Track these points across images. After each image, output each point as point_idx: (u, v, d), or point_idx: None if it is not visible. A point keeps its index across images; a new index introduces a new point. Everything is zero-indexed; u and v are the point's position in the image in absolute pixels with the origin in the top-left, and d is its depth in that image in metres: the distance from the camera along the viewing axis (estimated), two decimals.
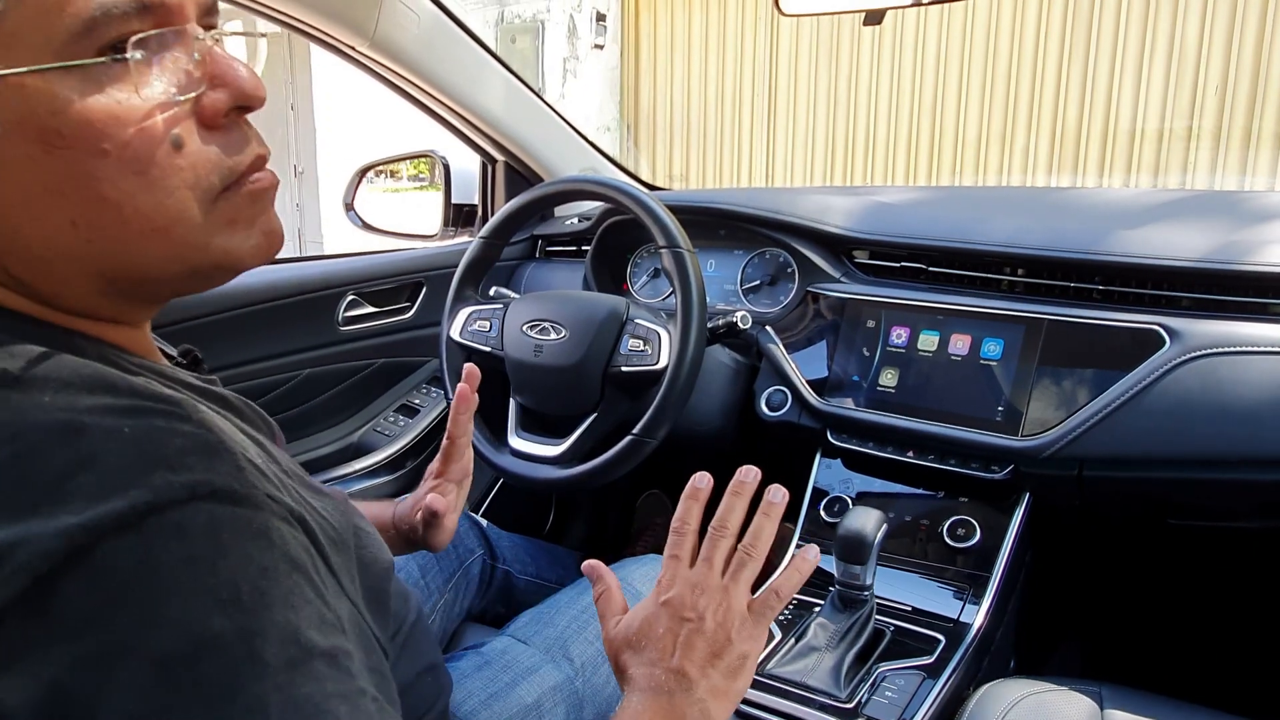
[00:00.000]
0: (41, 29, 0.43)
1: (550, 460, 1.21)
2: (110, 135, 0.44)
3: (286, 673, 0.38)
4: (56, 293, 0.48)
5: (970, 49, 6.49)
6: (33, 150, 0.44)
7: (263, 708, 0.37)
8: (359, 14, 1.28)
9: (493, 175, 1.72)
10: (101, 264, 0.47)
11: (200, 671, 0.37)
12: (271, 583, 0.40)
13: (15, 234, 0.46)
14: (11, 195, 0.45)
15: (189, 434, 0.42)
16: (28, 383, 0.42)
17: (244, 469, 0.42)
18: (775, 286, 1.44)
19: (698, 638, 0.67)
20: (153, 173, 0.46)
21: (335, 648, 0.42)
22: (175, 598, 0.37)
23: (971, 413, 1.14)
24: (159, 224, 0.47)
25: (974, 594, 1.08)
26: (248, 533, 0.40)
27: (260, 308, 1.34)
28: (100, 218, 0.46)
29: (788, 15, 1.12)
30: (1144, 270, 1.12)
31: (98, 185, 0.45)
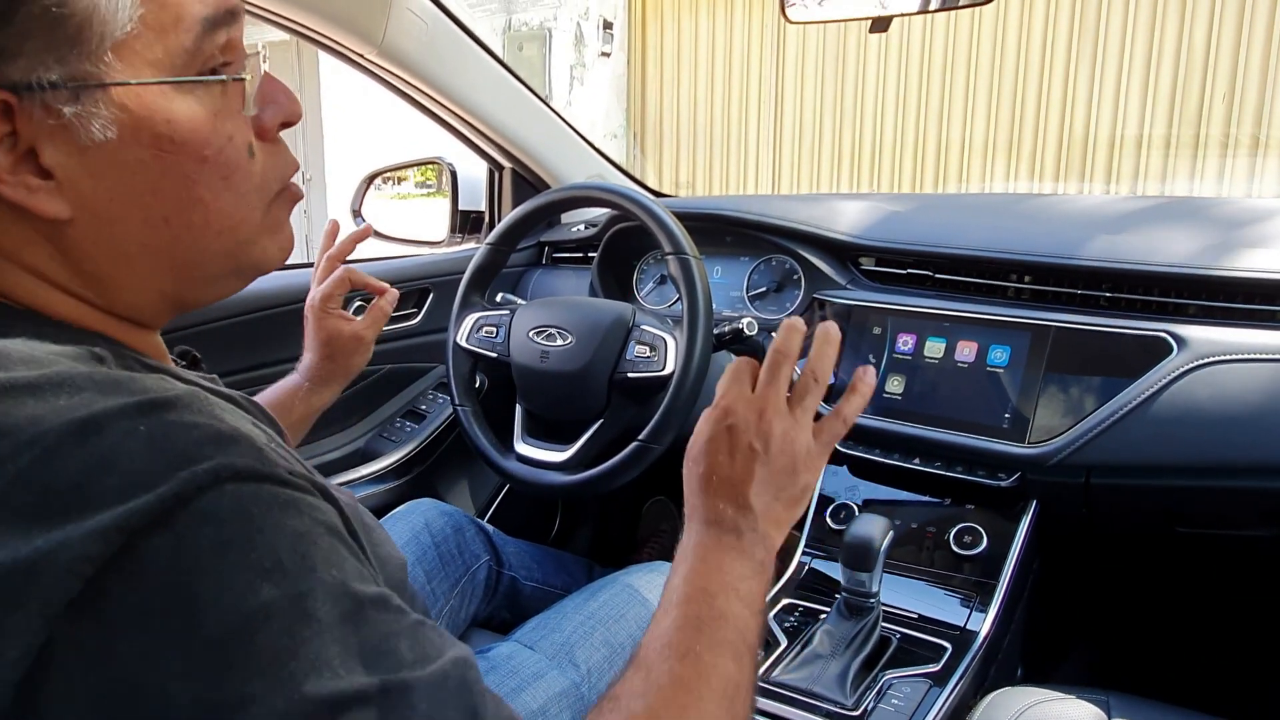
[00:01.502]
0: (161, 45, 0.48)
1: (556, 466, 1.21)
2: (211, 143, 0.51)
3: (341, 625, 0.40)
4: (122, 287, 0.52)
5: (977, 55, 6.49)
6: (145, 154, 0.49)
7: (326, 662, 0.39)
8: (367, 21, 1.29)
9: (500, 182, 1.73)
10: (177, 259, 0.53)
11: (259, 641, 0.38)
12: (310, 545, 0.42)
13: (111, 230, 0.50)
14: (117, 194, 0.49)
15: (203, 425, 0.43)
16: (42, 388, 0.43)
17: (262, 449, 0.44)
18: (781, 293, 1.45)
19: (761, 467, 0.67)
20: (235, 177, 0.53)
21: (381, 593, 0.43)
22: (219, 579, 0.39)
23: (978, 420, 1.14)
24: (233, 223, 0.53)
25: (980, 602, 1.08)
26: (276, 505, 0.42)
27: (268, 313, 1.35)
28: (191, 216, 0.51)
29: (794, 23, 1.12)
30: (1151, 277, 1.12)
31: (195, 187, 0.51)
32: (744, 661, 0.58)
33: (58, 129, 0.47)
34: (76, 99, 0.46)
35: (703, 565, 0.63)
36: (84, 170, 0.48)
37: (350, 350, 1.07)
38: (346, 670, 0.39)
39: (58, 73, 0.46)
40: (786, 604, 1.12)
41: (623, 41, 7.88)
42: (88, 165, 0.48)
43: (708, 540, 0.65)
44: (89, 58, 0.46)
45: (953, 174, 6.72)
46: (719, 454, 0.68)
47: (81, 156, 0.48)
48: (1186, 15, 5.79)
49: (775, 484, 0.67)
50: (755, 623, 0.61)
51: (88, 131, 0.47)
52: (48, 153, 0.47)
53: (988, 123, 6.53)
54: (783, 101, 7.32)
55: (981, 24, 6.36)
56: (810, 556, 1.20)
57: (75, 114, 0.47)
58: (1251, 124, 5.71)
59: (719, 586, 0.61)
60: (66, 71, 0.46)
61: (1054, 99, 6.28)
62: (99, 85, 0.47)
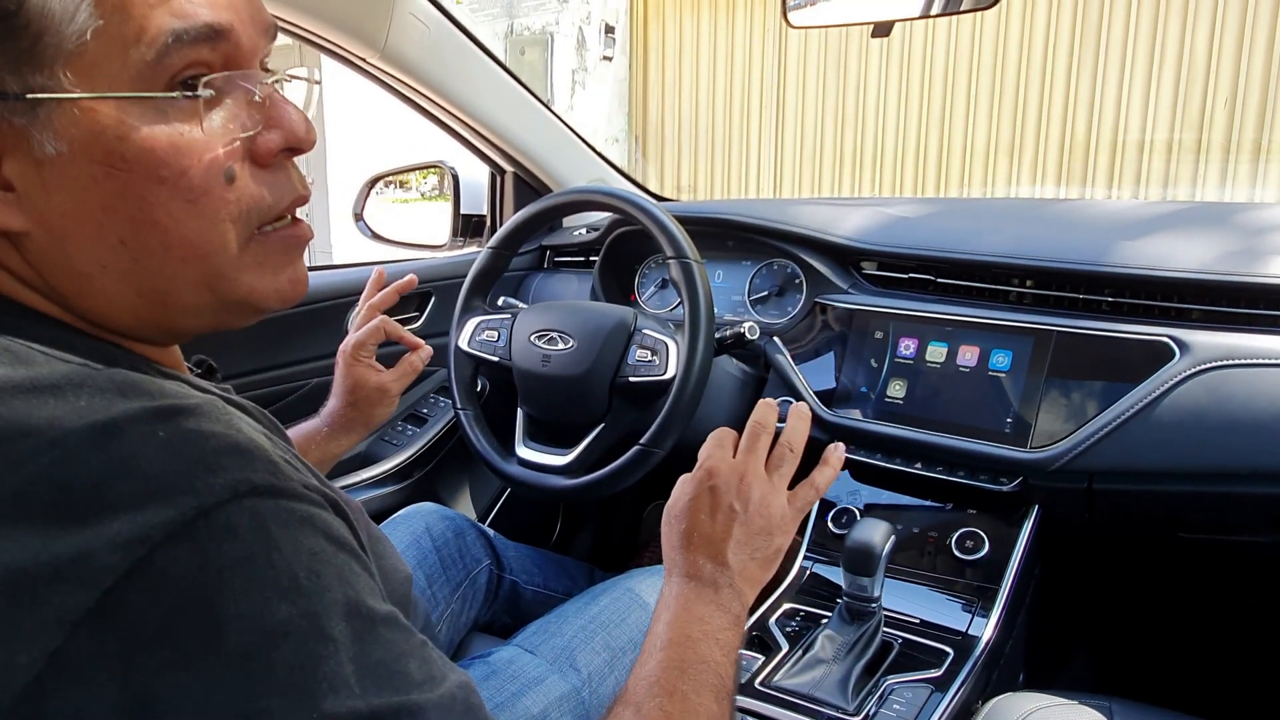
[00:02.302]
0: (119, 58, 0.46)
1: (558, 470, 1.21)
2: (169, 164, 0.47)
3: (357, 644, 0.41)
4: (95, 309, 0.51)
5: (979, 59, 6.49)
6: (95, 170, 0.47)
7: (344, 681, 0.40)
8: (370, 26, 1.29)
9: (502, 186, 1.73)
10: (142, 284, 0.50)
11: (277, 658, 0.39)
12: (324, 564, 0.42)
13: (64, 247, 0.48)
14: (67, 209, 0.47)
15: (220, 435, 0.44)
16: (64, 389, 0.43)
17: (276, 463, 0.44)
18: (783, 297, 1.45)
19: (740, 527, 0.72)
20: (203, 202, 0.49)
21: (391, 611, 0.45)
22: (239, 595, 0.39)
23: (980, 424, 1.13)
24: (200, 251, 0.50)
25: (983, 607, 1.08)
26: (293, 522, 0.43)
27: (270, 317, 1.35)
28: (148, 239, 0.48)
29: (796, 28, 1.12)
30: (1154, 282, 1.11)
31: (151, 209, 0.48)
32: (724, 703, 0.63)
33: (16, 141, 0.46)
34: (32, 111, 0.45)
35: (685, 614, 0.67)
36: (39, 184, 0.47)
37: (374, 401, 1.07)
38: (362, 690, 0.40)
39: (12, 84, 0.45)
40: (788, 609, 1.12)
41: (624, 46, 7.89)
42: (43, 179, 0.47)
43: (688, 593, 0.69)
44: (43, 70, 0.45)
45: (954, 178, 6.72)
46: (700, 513, 0.73)
47: (37, 170, 0.47)
48: (1189, 19, 5.79)
49: (751, 544, 0.72)
50: (732, 670, 0.66)
51: (41, 145, 0.46)
52: (7, 164, 0.47)
53: (989, 127, 6.54)
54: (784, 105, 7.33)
55: (983, 27, 6.37)
56: (812, 561, 1.20)
57: (29, 126, 0.46)
58: (1254, 129, 5.71)
59: (700, 634, 0.66)
60: (21, 83, 0.45)
61: (1056, 103, 6.28)
62: (50, 98, 0.45)
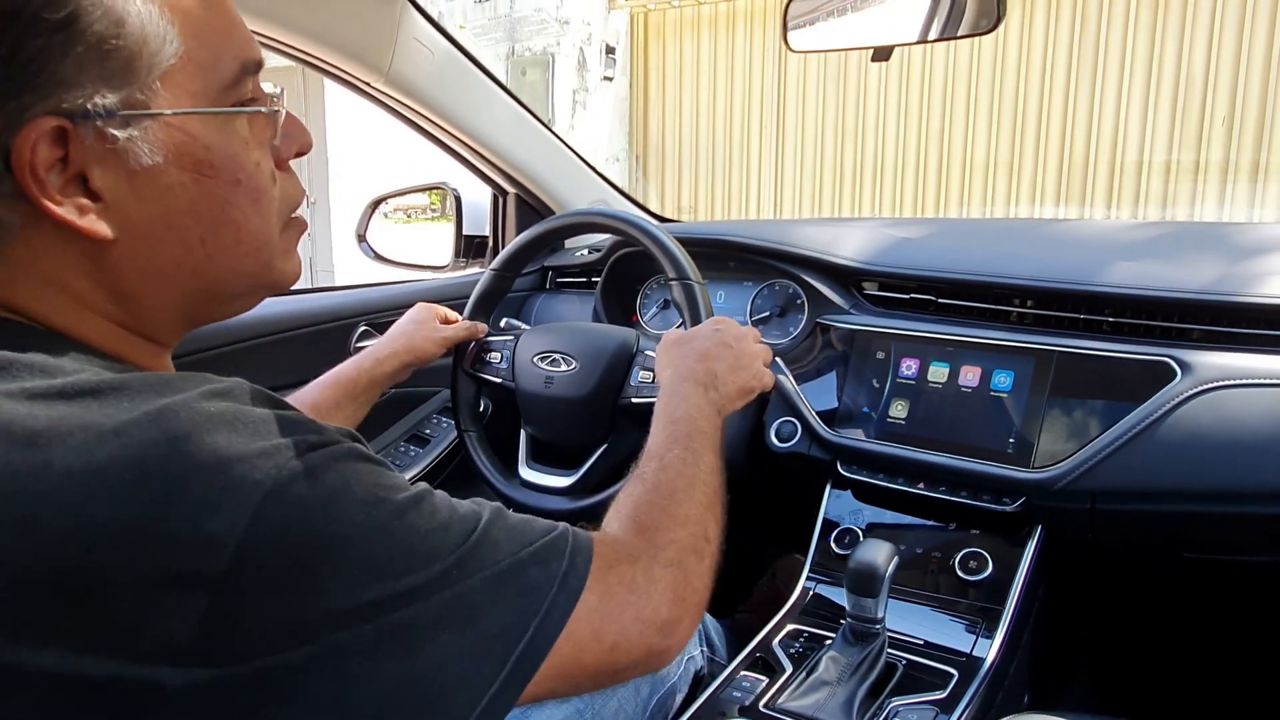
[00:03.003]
0: (200, 79, 0.53)
1: (561, 491, 1.21)
2: (244, 169, 0.56)
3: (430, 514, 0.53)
4: (150, 306, 0.56)
5: (977, 79, 6.53)
6: (185, 178, 0.53)
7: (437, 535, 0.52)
8: (375, 51, 1.31)
9: (504, 207, 1.74)
10: (207, 278, 0.57)
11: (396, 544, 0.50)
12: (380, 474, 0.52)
13: (151, 250, 0.53)
14: (160, 215, 0.53)
15: (259, 411, 0.49)
16: (103, 391, 0.46)
17: (310, 421, 0.52)
18: (785, 318, 1.45)
19: (730, 356, 0.97)
20: (263, 201, 0.58)
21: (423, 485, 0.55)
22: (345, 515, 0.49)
23: (982, 444, 1.13)
24: (258, 243, 0.58)
25: (987, 628, 1.08)
26: (347, 457, 0.51)
27: (273, 338, 1.35)
28: (224, 236, 0.56)
29: (796, 52, 1.13)
30: (1154, 302, 1.12)
31: (230, 209, 0.55)
32: (719, 456, 0.83)
33: (108, 153, 0.50)
34: (127, 125, 0.50)
35: (684, 400, 0.88)
36: (131, 193, 0.51)
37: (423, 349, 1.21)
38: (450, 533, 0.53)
39: (111, 100, 0.49)
40: (791, 630, 1.12)
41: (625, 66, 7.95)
42: (134, 188, 0.51)
43: (685, 388, 0.91)
44: (139, 86, 0.50)
45: (953, 198, 6.75)
46: (706, 339, 0.99)
47: (129, 180, 0.51)
48: (1185, 40, 5.83)
49: (735, 368, 0.97)
50: (720, 440, 0.87)
51: (136, 156, 0.51)
52: (97, 176, 0.50)
53: (988, 146, 6.57)
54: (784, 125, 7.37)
55: (981, 49, 6.41)
56: (815, 582, 1.20)
57: (126, 139, 0.50)
58: (1252, 149, 5.74)
59: (697, 414, 0.87)
60: (119, 99, 0.49)
61: (1054, 123, 6.32)
62: (148, 113, 0.51)
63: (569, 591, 0.57)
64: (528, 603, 0.55)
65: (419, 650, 0.49)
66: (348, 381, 1.12)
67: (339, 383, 1.12)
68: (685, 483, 0.76)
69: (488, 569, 0.53)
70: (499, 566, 0.54)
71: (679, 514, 0.72)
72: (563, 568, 0.57)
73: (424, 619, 0.49)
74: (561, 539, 0.59)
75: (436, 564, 0.51)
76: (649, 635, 0.62)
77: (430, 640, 0.49)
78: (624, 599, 0.61)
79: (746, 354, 0.99)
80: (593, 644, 0.58)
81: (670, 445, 0.81)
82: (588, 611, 0.58)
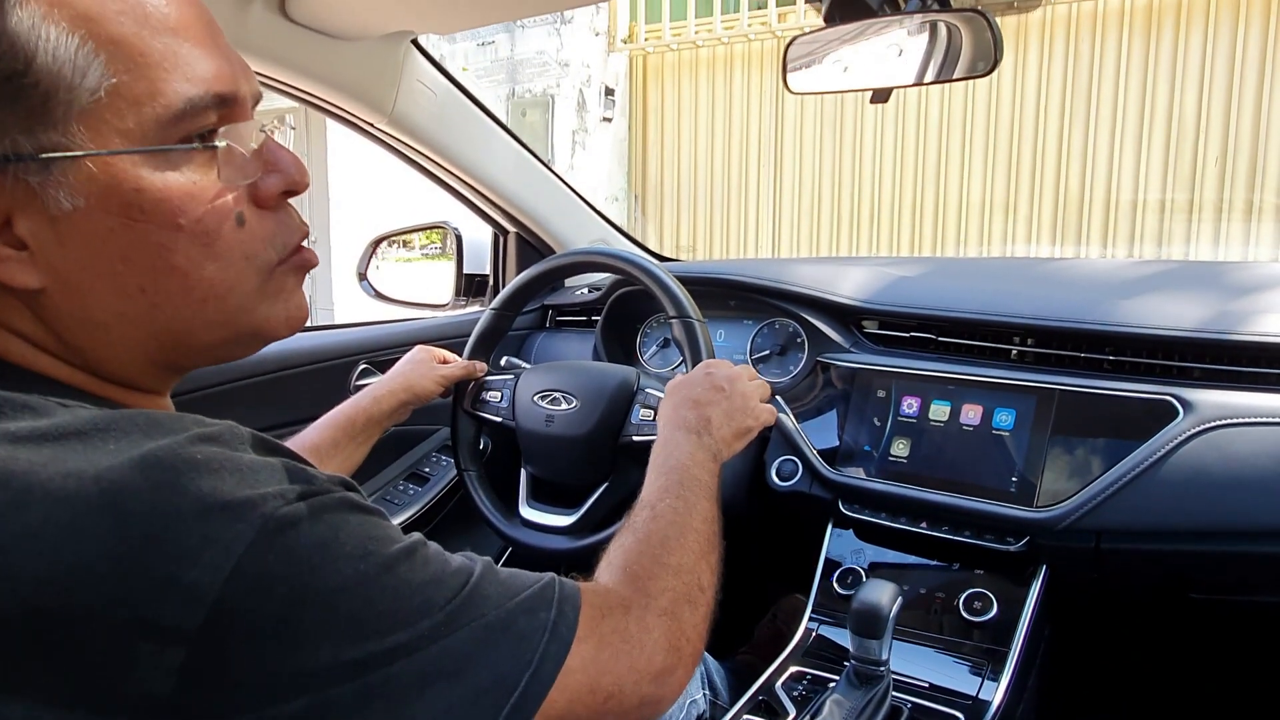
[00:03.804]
0: (132, 115, 0.48)
1: (561, 530, 1.20)
2: (185, 211, 0.50)
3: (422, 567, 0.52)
4: (106, 358, 0.53)
5: (973, 120, 6.61)
6: (113, 222, 0.49)
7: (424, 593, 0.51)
8: (378, 93, 1.32)
9: (505, 246, 1.75)
10: (159, 327, 0.52)
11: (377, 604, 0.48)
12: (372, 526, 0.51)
13: (84, 300, 0.50)
14: (85, 262, 0.49)
15: (249, 458, 0.47)
16: (89, 434, 0.45)
17: (301, 467, 0.50)
18: (785, 356, 1.45)
19: (724, 400, 0.97)
20: (218, 245, 0.52)
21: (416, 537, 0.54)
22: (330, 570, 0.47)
23: (985, 483, 1.13)
24: (218, 290, 0.53)
25: (992, 669, 1.06)
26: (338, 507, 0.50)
27: (273, 376, 1.35)
28: (168, 284, 0.51)
29: (795, 94, 1.14)
30: (1155, 340, 1.12)
31: (169, 255, 0.50)
32: (713, 503, 0.82)
33: (28, 199, 0.47)
34: (45, 169, 0.46)
35: (676, 449, 0.88)
36: (55, 240, 0.48)
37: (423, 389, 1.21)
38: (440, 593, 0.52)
39: (25, 144, 0.46)
40: (794, 672, 1.10)
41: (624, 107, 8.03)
42: (58, 235, 0.48)
43: (679, 437, 0.90)
44: (55, 128, 0.46)
45: (951, 237, 6.79)
46: (698, 385, 0.99)
47: (52, 226, 0.48)
48: (1176, 80, 5.91)
49: (729, 414, 0.96)
50: (715, 488, 0.85)
51: (56, 201, 0.47)
52: (20, 223, 0.48)
53: (984, 187, 6.63)
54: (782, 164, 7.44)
55: (976, 91, 6.49)
56: (817, 622, 1.19)
57: (43, 184, 0.47)
58: (1245, 188, 5.79)
59: (690, 461, 0.86)
60: (34, 142, 0.46)
61: (1049, 163, 6.38)
62: (67, 155, 0.47)
63: (560, 641, 0.56)
64: (518, 654, 0.53)
65: (408, 706, 0.48)
66: (346, 422, 1.11)
67: (337, 423, 1.11)
68: (677, 531, 0.75)
69: (477, 621, 0.52)
70: (487, 619, 0.53)
71: (672, 563, 0.71)
72: (551, 617, 0.56)
73: (412, 675, 0.48)
74: (549, 589, 0.58)
75: (425, 619, 0.50)
76: (644, 685, 0.61)
77: (419, 696, 0.48)
78: (618, 648, 0.60)
79: (740, 394, 0.98)
80: (587, 695, 0.57)
81: (662, 494, 0.80)
82: (581, 662, 0.56)
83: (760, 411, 1.00)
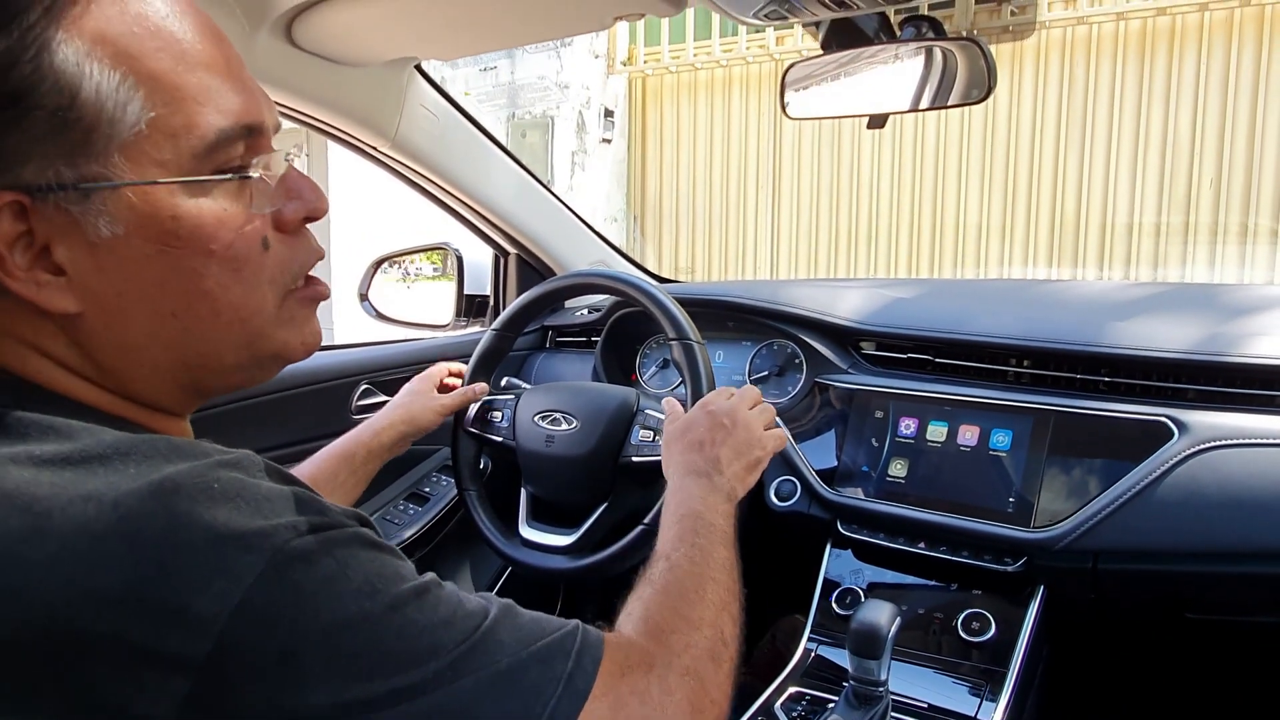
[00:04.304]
0: (169, 147, 0.50)
1: (561, 550, 1.21)
2: (218, 238, 0.52)
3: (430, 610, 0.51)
4: (136, 379, 0.54)
5: (968, 144, 6.65)
6: (150, 249, 0.51)
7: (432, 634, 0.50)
8: (382, 117, 1.34)
9: (505, 267, 1.76)
10: (188, 350, 0.54)
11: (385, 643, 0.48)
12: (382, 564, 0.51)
13: (119, 323, 0.52)
14: (123, 287, 0.51)
15: (267, 484, 0.49)
16: (111, 458, 0.46)
17: (319, 499, 0.51)
18: (783, 377, 1.46)
19: (729, 437, 0.95)
20: (246, 270, 0.54)
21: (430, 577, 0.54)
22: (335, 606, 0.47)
23: (982, 504, 1.14)
24: (244, 314, 0.55)
25: (991, 690, 1.06)
26: (349, 542, 0.50)
27: (274, 396, 1.36)
28: (198, 308, 0.53)
29: (794, 119, 1.16)
30: (1150, 362, 1.13)
31: (201, 280, 0.52)
32: (731, 550, 0.80)
33: (69, 227, 0.49)
34: (86, 198, 0.48)
35: (688, 496, 0.86)
36: (93, 266, 0.50)
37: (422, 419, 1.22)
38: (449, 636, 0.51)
39: (68, 174, 0.48)
40: (793, 692, 1.10)
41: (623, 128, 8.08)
42: (96, 261, 0.50)
43: (689, 484, 0.88)
44: (97, 159, 0.48)
45: (947, 260, 6.82)
46: (699, 428, 0.97)
47: (91, 253, 0.49)
48: (1170, 104, 5.96)
49: (737, 449, 0.94)
50: (732, 531, 0.83)
51: (95, 229, 0.49)
52: (59, 250, 0.49)
53: (980, 210, 6.66)
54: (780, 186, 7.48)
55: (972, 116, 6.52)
56: (816, 643, 1.19)
57: (83, 212, 0.48)
58: (1239, 211, 5.82)
59: (703, 507, 0.84)
60: (76, 173, 0.48)
61: (1044, 186, 6.42)
62: (108, 185, 0.48)
63: (574, 695, 0.53)
64: (527, 707, 0.51)
65: None
66: (346, 455, 1.12)
67: (337, 456, 1.11)
68: (695, 582, 0.73)
69: (486, 669, 0.51)
70: (498, 666, 0.51)
71: (693, 616, 0.68)
72: (567, 669, 0.54)
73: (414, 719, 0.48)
74: (569, 637, 0.56)
75: (432, 662, 0.49)
76: None
77: None
78: (636, 711, 0.57)
79: (744, 426, 0.97)
80: None
81: (677, 543, 0.78)
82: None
83: (768, 440, 0.99)
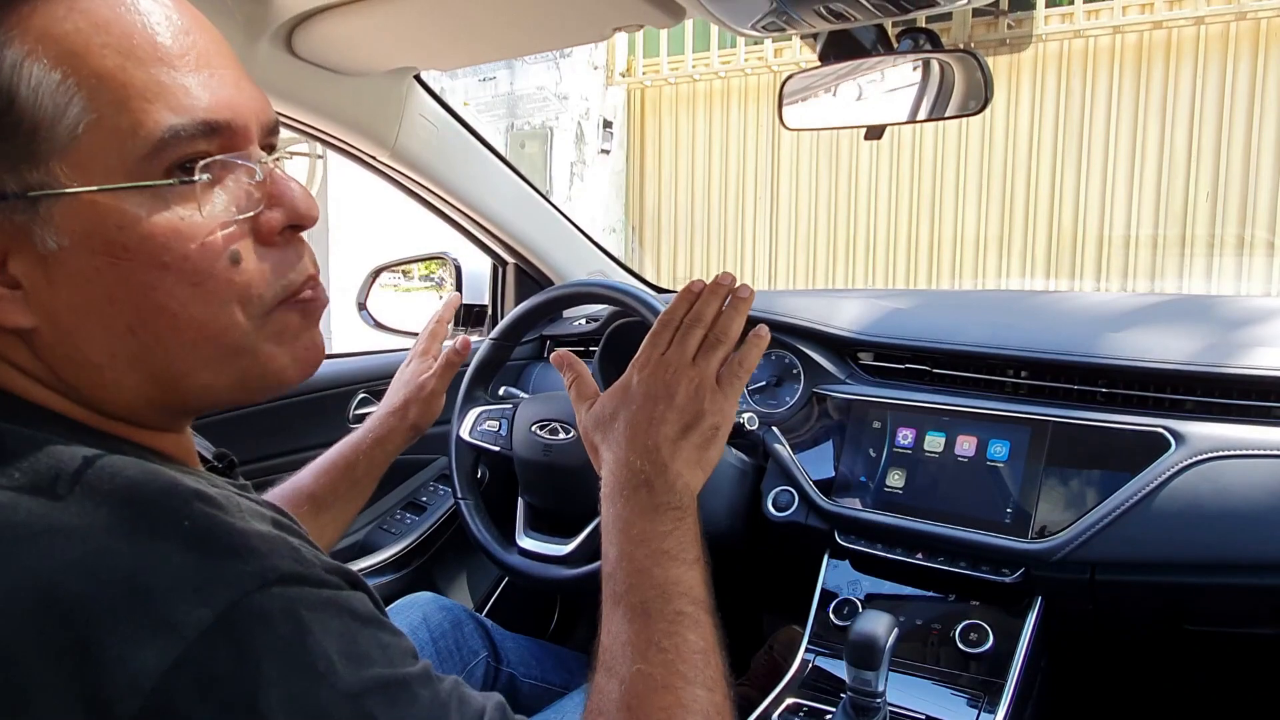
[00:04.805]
0: (114, 150, 0.46)
1: (558, 560, 1.21)
2: (171, 249, 0.48)
3: (395, 711, 0.44)
4: (104, 398, 0.51)
5: (966, 156, 6.68)
6: (98, 261, 0.47)
7: None
8: (381, 127, 1.34)
9: (503, 277, 1.76)
10: (153, 368, 0.50)
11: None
12: (353, 643, 0.44)
13: (72, 339, 0.48)
14: (74, 302, 0.48)
15: (241, 525, 0.45)
16: (83, 484, 0.44)
17: (298, 549, 0.46)
18: (781, 387, 1.46)
19: (670, 412, 0.70)
20: (208, 285, 0.49)
21: (424, 667, 0.47)
22: (280, 683, 0.41)
23: (980, 515, 1.14)
24: (209, 332, 0.50)
25: (989, 702, 1.06)
26: (320, 605, 0.44)
27: (272, 405, 1.36)
28: (156, 324, 0.49)
29: (791, 130, 1.16)
30: (1147, 373, 1.13)
31: (155, 294, 0.48)
32: (702, 622, 0.61)
33: (21, 238, 0.46)
34: (34, 208, 0.46)
35: (628, 541, 0.65)
36: (45, 279, 0.47)
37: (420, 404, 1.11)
38: None
39: (11, 183, 0.45)
40: (791, 704, 1.10)
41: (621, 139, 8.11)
42: (48, 274, 0.47)
43: (624, 510, 0.67)
44: (39, 166, 0.45)
45: (945, 271, 6.83)
46: (630, 404, 0.72)
47: (41, 265, 0.47)
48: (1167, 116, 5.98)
49: (683, 424, 0.70)
50: (696, 572, 0.63)
51: (44, 240, 0.46)
52: (14, 262, 0.47)
53: (978, 222, 6.68)
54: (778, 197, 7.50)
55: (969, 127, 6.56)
56: (814, 654, 1.19)
57: (31, 223, 0.46)
58: (1236, 223, 5.84)
59: (650, 558, 0.63)
60: (20, 181, 0.45)
61: (1041, 198, 6.44)
62: (51, 193, 0.46)
63: None
64: None
65: None
66: (347, 466, 1.03)
67: (337, 466, 1.03)
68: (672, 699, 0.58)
69: None
70: None
71: None
72: None
73: None
74: None
75: None
76: None
77: None
78: None
79: (687, 393, 0.71)
80: None
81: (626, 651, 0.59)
82: None
83: (718, 399, 0.72)
